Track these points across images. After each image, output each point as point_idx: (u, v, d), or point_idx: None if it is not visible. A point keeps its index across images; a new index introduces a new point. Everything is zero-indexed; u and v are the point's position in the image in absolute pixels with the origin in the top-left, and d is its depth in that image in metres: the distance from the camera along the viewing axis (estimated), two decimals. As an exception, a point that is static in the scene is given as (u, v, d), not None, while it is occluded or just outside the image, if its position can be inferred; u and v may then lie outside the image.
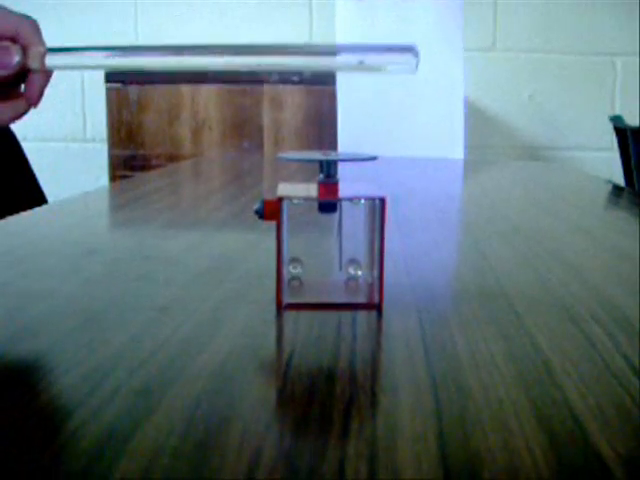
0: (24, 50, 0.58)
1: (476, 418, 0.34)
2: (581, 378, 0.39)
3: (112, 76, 2.24)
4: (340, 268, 0.55)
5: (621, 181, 2.01)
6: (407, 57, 0.51)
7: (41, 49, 0.58)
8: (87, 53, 0.58)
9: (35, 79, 0.60)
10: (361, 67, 0.52)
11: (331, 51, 0.53)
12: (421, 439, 0.32)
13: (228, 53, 0.54)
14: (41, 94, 0.60)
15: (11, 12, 0.59)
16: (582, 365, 0.41)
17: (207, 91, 2.21)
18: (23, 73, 0.59)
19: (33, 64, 0.58)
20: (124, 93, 2.22)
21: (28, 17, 0.60)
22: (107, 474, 0.28)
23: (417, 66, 0.51)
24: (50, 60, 0.58)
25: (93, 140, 2.61)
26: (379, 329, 0.48)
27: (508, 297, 0.55)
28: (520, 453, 0.30)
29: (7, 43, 0.58)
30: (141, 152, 2.24)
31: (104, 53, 0.58)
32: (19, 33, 0.58)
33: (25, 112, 0.62)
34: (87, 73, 2.57)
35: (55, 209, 0.97)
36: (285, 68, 0.55)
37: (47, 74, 0.60)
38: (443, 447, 0.31)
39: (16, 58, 0.58)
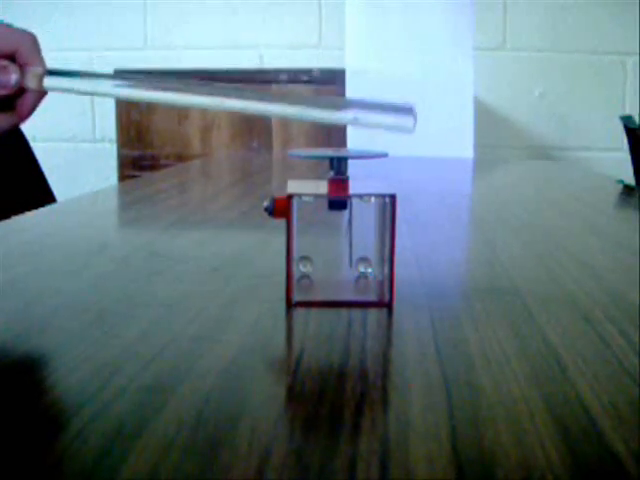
0: (22, 69, 0.58)
1: (489, 415, 0.33)
2: (594, 376, 0.38)
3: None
4: (350, 266, 0.54)
5: (631, 181, 2.00)
6: (405, 119, 0.51)
7: (39, 70, 0.58)
8: (85, 79, 0.58)
9: (29, 97, 0.59)
10: (358, 123, 0.52)
11: (330, 105, 0.53)
12: (433, 437, 0.31)
13: (230, 96, 0.54)
14: (32, 112, 0.60)
15: (10, 29, 0.59)
16: (595, 363, 0.40)
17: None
18: (19, 90, 0.59)
19: (30, 84, 0.58)
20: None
21: (28, 33, 0.60)
22: (116, 470, 0.28)
23: (415, 126, 0.51)
24: (47, 82, 0.58)
25: (102, 140, 2.61)
26: (390, 327, 0.48)
27: (520, 294, 0.54)
28: (533, 451, 0.30)
29: (5, 62, 0.57)
30: (150, 152, 2.24)
31: (103, 80, 0.57)
32: (18, 51, 0.58)
33: (17, 125, 0.62)
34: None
35: (64, 207, 0.97)
36: (286, 117, 0.55)
37: (42, 93, 0.60)
38: (455, 445, 0.31)
39: (14, 78, 0.57)
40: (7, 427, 0.32)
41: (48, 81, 0.58)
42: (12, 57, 0.58)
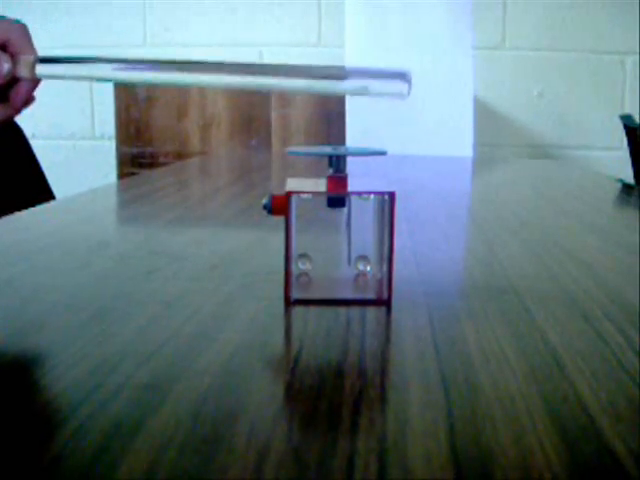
0: (14, 58, 0.57)
1: (487, 414, 0.33)
2: (593, 374, 0.38)
3: (120, 74, 2.23)
4: (349, 264, 0.54)
5: (631, 180, 2.00)
6: (400, 85, 0.51)
7: (31, 57, 0.57)
8: (76, 63, 0.57)
9: (22, 86, 0.59)
10: (352, 92, 0.52)
11: (323, 74, 0.53)
12: (431, 435, 0.31)
13: (232, 71, 0.54)
14: (27, 101, 0.60)
15: (0, 19, 0.59)
16: (594, 361, 0.40)
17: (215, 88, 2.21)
18: (12, 79, 0.58)
19: (22, 72, 0.57)
20: (132, 91, 2.22)
21: (18, 22, 0.59)
22: (114, 468, 0.28)
23: (409, 92, 0.50)
24: (40, 69, 0.57)
25: (101, 138, 2.61)
26: (388, 325, 0.48)
27: (519, 293, 0.54)
28: (532, 449, 0.30)
29: None
30: (149, 149, 2.24)
31: (97, 65, 0.57)
32: (9, 40, 0.57)
33: (12, 116, 0.61)
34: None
35: (63, 205, 0.97)
36: (284, 89, 0.55)
37: (35, 81, 0.59)
38: (454, 443, 0.31)
39: (6, 67, 0.57)
40: (4, 425, 0.32)
41: (41, 69, 0.57)
42: (3, 48, 0.57)
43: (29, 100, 0.60)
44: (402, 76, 0.50)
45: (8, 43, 0.57)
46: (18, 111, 0.60)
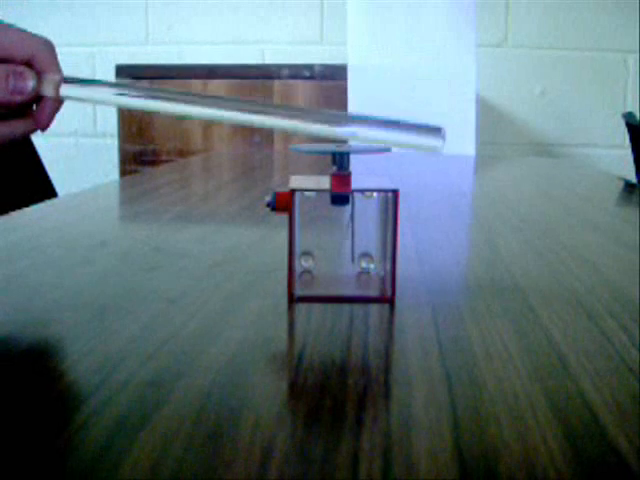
0: (39, 76, 0.57)
1: (491, 411, 0.33)
2: (596, 371, 0.38)
3: (123, 71, 2.24)
4: (352, 261, 0.54)
5: (633, 178, 1.99)
6: (435, 140, 0.50)
7: (56, 77, 0.57)
8: (101, 87, 0.57)
9: (47, 105, 0.58)
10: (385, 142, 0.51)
11: (345, 121, 0.52)
12: (436, 432, 0.31)
13: (238, 109, 0.54)
14: (51, 120, 0.59)
15: (28, 34, 0.58)
16: (597, 358, 0.40)
17: (218, 86, 2.21)
18: (36, 97, 0.58)
19: (47, 91, 0.57)
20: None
21: (45, 40, 0.59)
22: (118, 464, 0.28)
23: (443, 147, 0.50)
24: (64, 89, 0.57)
25: (103, 135, 2.61)
26: (392, 322, 0.48)
27: (522, 291, 0.54)
28: (536, 446, 0.30)
29: (22, 68, 0.56)
30: (151, 147, 2.24)
31: (118, 89, 0.56)
32: (35, 57, 0.57)
33: (33, 131, 0.61)
34: (98, 67, 2.57)
35: (65, 202, 0.97)
36: (294, 132, 0.54)
37: (59, 102, 0.59)
38: (458, 440, 0.31)
39: (30, 84, 0.56)
40: (8, 421, 0.32)
41: (65, 89, 0.57)
42: (29, 63, 0.57)
43: (53, 119, 0.60)
44: (437, 132, 0.51)
45: (34, 60, 0.57)
46: (43, 129, 0.60)
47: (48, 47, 0.58)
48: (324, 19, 2.50)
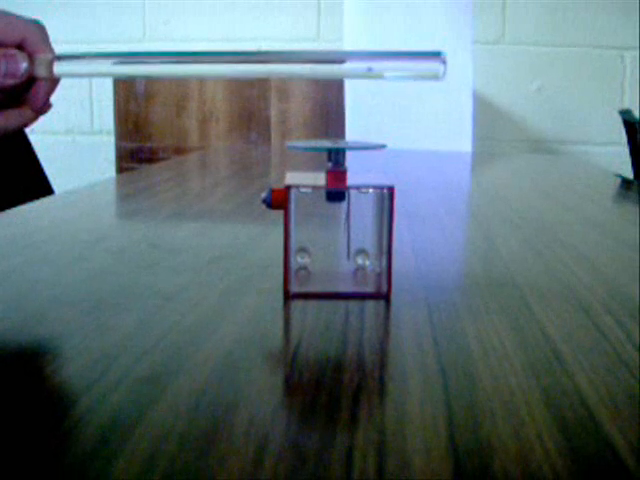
0: (31, 57, 0.56)
1: (486, 407, 0.33)
2: (592, 368, 0.38)
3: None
4: (348, 258, 0.54)
5: (630, 175, 2.00)
6: (434, 65, 0.49)
7: (49, 56, 0.56)
8: (96, 60, 0.56)
9: (41, 86, 0.57)
10: (370, 75, 0.50)
11: (340, 58, 0.51)
12: (430, 427, 0.31)
13: (235, 61, 0.53)
14: (46, 102, 0.59)
15: (18, 17, 0.57)
16: (593, 355, 0.40)
17: (214, 83, 2.21)
18: (30, 80, 0.57)
19: (41, 72, 0.56)
20: (131, 85, 2.22)
21: (36, 21, 0.58)
22: (113, 460, 0.28)
23: (445, 73, 0.49)
24: (58, 67, 0.56)
25: (100, 132, 2.61)
26: (387, 319, 0.48)
27: (518, 287, 0.54)
28: (531, 442, 0.30)
29: (14, 51, 0.55)
30: (148, 144, 2.24)
31: (113, 59, 0.56)
32: (26, 39, 0.56)
33: (33, 120, 0.60)
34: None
35: (62, 199, 0.97)
36: (292, 76, 0.53)
37: (54, 81, 0.58)
38: (453, 436, 0.31)
39: (23, 66, 0.55)
40: (4, 417, 0.32)
41: (59, 67, 0.56)
42: (20, 46, 0.56)
43: (47, 103, 0.59)
44: (436, 57, 0.49)
45: (25, 42, 0.56)
46: (37, 115, 0.59)
47: (38, 28, 0.57)
48: (321, 16, 2.49)
